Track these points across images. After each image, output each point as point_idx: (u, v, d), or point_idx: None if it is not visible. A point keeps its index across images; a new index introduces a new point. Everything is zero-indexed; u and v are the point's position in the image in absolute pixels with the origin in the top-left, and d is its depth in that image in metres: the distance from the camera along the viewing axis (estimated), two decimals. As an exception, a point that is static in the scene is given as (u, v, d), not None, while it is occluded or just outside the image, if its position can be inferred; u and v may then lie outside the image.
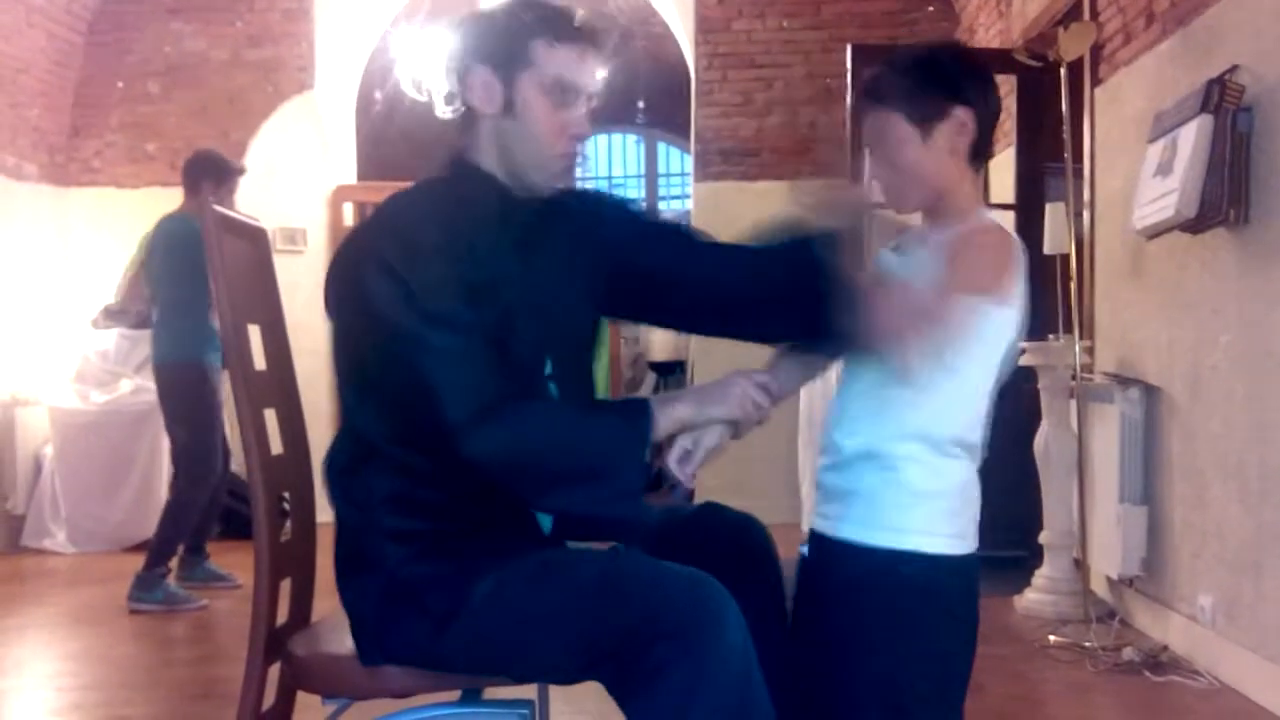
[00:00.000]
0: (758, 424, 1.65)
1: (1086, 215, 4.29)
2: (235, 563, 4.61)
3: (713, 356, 6.04)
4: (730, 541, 1.77)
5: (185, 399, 4.41)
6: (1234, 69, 3.13)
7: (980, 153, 1.68)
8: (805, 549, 1.74)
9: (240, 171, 4.61)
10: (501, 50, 1.66)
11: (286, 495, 1.94)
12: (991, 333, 1.60)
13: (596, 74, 1.69)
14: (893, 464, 1.59)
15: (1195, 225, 3.24)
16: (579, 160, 1.74)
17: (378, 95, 7.23)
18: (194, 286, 4.36)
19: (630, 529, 1.67)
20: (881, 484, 1.60)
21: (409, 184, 1.73)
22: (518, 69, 1.65)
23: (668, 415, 1.60)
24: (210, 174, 4.47)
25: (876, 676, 1.60)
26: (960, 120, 1.63)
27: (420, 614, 1.59)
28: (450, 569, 1.60)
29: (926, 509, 1.60)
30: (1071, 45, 3.82)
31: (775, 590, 1.80)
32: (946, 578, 1.61)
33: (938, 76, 1.65)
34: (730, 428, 1.64)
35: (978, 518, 1.66)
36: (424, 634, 1.59)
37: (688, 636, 1.42)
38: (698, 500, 6.47)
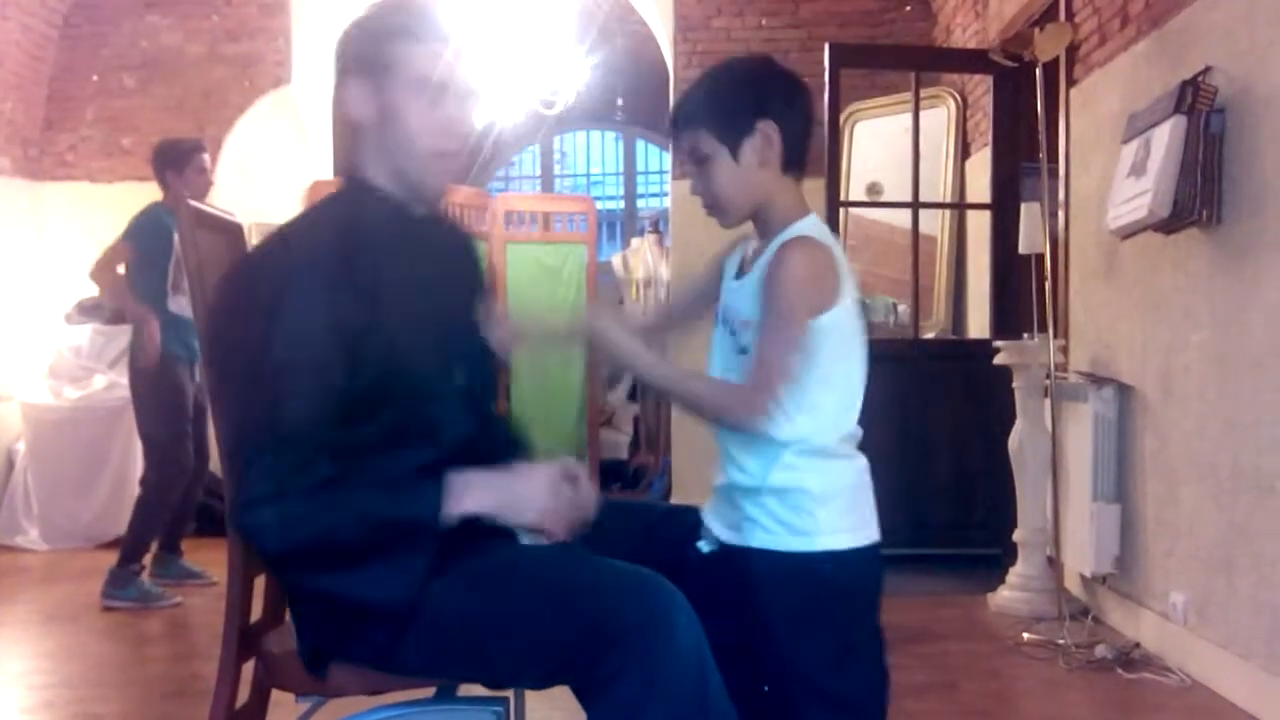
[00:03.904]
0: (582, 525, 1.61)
1: (1061, 215, 4.31)
2: (208, 559, 4.58)
3: (691, 351, 6.03)
4: (688, 538, 1.77)
5: (148, 391, 4.40)
6: (1207, 70, 3.16)
7: (794, 161, 1.71)
8: (704, 545, 1.75)
9: (199, 148, 4.51)
10: (367, 59, 1.64)
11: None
12: (834, 338, 1.64)
13: (463, 68, 1.66)
14: (792, 478, 1.65)
15: (1168, 226, 3.26)
16: (462, 156, 1.72)
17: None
18: (145, 276, 4.37)
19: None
20: (784, 497, 1.65)
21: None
22: (384, 74, 1.63)
23: (466, 501, 1.53)
24: (169, 163, 4.42)
25: (802, 671, 1.65)
26: (765, 134, 1.67)
27: (361, 642, 1.57)
28: None
29: (828, 510, 1.65)
30: (1047, 46, 3.84)
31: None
32: (858, 569, 1.67)
33: (740, 93, 1.69)
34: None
35: (873, 503, 1.72)
36: (370, 655, 1.58)
37: (638, 642, 1.41)
38: (675, 498, 6.45)
